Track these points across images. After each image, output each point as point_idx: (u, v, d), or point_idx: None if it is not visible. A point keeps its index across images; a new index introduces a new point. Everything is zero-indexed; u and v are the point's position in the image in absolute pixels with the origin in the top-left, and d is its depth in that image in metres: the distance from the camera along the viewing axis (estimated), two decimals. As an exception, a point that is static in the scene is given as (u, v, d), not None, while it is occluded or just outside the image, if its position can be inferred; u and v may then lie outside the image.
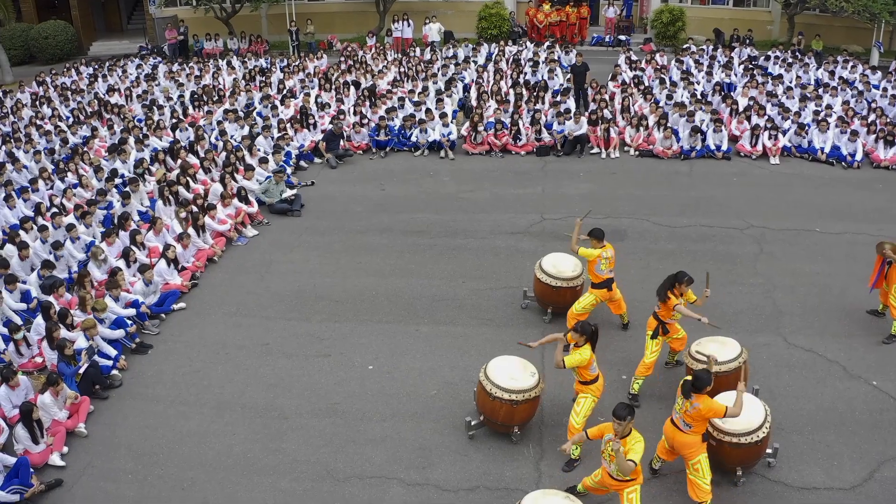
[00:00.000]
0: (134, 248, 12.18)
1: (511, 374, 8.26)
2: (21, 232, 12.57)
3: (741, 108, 17.30)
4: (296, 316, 11.22)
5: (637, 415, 8.76)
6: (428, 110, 18.08)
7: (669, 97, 18.48)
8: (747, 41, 23.45)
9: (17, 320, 10.61)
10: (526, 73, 21.89)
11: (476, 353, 9.91)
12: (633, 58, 22.55)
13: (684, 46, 23.35)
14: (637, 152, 16.77)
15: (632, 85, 19.77)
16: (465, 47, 25.36)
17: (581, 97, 19.88)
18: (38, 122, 18.68)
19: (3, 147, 16.71)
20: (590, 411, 7.99)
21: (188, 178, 15.01)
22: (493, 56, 24.25)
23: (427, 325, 10.84)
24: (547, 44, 25.26)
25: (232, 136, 17.54)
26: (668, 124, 16.83)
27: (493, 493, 7.73)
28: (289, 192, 14.87)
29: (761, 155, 16.17)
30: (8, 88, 23.02)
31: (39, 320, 10.23)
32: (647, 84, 20.01)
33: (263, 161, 15.82)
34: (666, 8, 26.05)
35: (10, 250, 12.09)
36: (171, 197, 14.20)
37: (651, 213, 13.97)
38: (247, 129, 17.91)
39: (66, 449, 8.60)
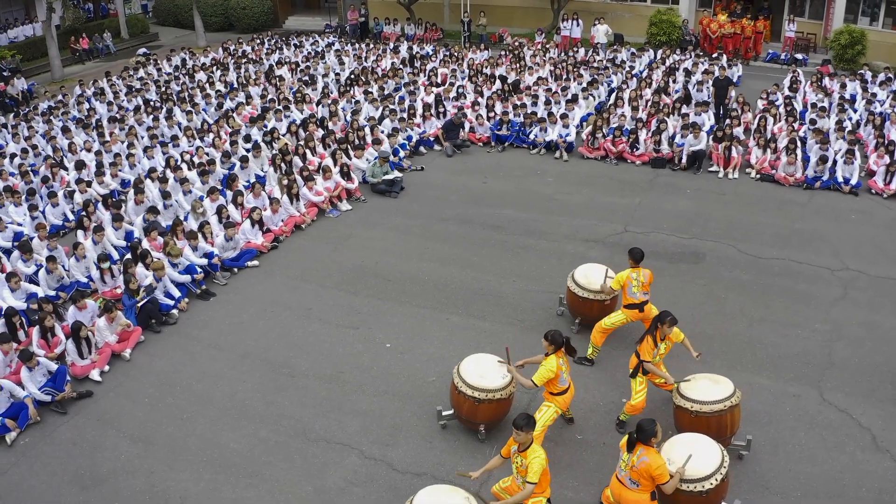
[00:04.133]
0: (230, 206, 13.50)
1: (482, 372, 8.35)
2: (147, 180, 14.38)
3: (887, 142, 15.58)
4: (346, 288, 11.94)
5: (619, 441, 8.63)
6: (550, 113, 18.07)
7: (813, 122, 17.05)
8: (934, 72, 20.84)
9: (115, 254, 12.28)
10: (677, 83, 21.08)
11: (492, 349, 9.86)
12: (800, 78, 20.90)
13: (859, 72, 21.20)
14: (758, 176, 15.71)
15: (781, 105, 18.41)
16: (626, 51, 24.87)
17: (722, 112, 18.88)
18: (206, 84, 20.92)
19: (166, 104, 18.97)
20: (551, 421, 7.94)
21: (307, 150, 16.23)
22: (653, 63, 23.58)
23: (459, 315, 11.11)
24: (714, 55, 24.07)
25: (366, 116, 18.62)
26: (801, 150, 15.60)
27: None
28: (392, 175, 15.64)
29: (894, 194, 14.53)
30: (195, 51, 25.88)
31: (128, 256, 11.76)
32: (796, 106, 18.53)
33: (376, 142, 16.69)
34: (846, 29, 23.56)
35: (131, 195, 13.88)
36: (282, 165, 15.47)
37: (742, 239, 13.12)
38: (380, 110, 18.92)
39: (107, 367, 9.94)
